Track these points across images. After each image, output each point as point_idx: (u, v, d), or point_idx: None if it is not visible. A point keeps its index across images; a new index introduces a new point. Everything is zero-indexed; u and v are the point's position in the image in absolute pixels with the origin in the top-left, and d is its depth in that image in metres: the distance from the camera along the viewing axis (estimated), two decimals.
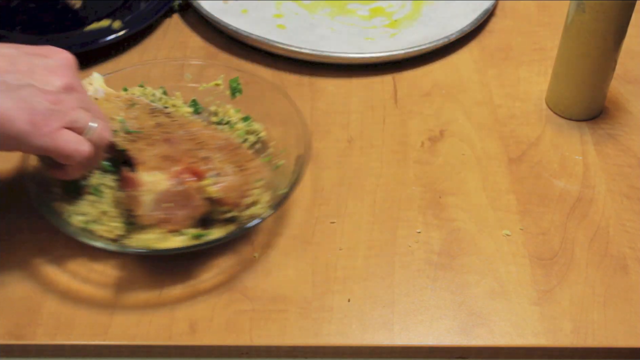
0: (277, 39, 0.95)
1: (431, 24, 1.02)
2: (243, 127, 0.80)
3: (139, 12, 1.00)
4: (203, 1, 1.01)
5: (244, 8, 1.03)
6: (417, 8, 1.05)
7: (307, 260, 0.75)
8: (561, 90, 0.89)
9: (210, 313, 0.70)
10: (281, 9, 1.04)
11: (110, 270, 0.73)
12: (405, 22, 1.02)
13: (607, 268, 0.75)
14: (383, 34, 1.00)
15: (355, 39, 0.99)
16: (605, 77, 0.87)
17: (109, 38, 0.95)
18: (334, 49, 0.95)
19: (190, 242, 0.70)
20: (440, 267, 0.74)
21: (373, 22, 1.03)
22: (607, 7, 0.81)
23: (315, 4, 1.05)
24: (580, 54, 0.85)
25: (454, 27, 0.99)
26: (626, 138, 0.88)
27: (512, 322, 0.70)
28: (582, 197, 0.81)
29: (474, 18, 1.01)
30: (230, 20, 0.98)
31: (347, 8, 1.05)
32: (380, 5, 1.06)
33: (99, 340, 0.68)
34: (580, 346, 0.69)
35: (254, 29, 0.97)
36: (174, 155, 0.71)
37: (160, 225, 0.70)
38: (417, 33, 1.00)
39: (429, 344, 0.69)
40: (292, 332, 0.69)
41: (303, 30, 1.00)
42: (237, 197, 0.71)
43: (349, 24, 1.02)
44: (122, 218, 0.71)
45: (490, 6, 1.04)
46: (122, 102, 0.77)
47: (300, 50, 0.94)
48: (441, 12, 1.04)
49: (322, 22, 1.02)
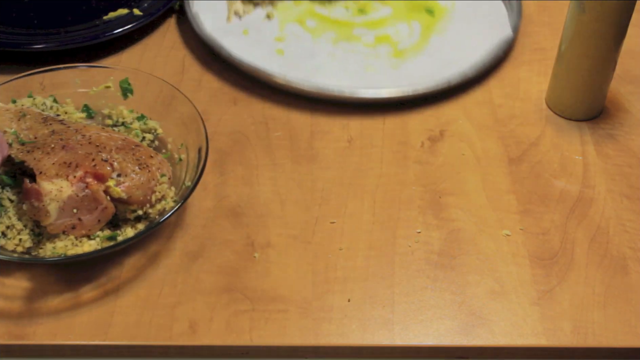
0: (271, 67, 0.91)
1: (436, 56, 0.96)
2: (139, 126, 0.80)
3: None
4: (205, 17, 0.98)
5: (245, 28, 0.98)
6: (425, 38, 0.98)
7: (307, 260, 0.75)
8: (561, 90, 0.89)
9: (210, 313, 0.70)
10: (284, 32, 0.98)
11: (110, 270, 0.73)
12: (410, 53, 0.96)
13: (607, 268, 0.75)
14: (386, 65, 0.94)
15: (356, 68, 0.94)
16: (606, 77, 0.88)
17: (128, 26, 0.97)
18: (329, 81, 0.90)
19: (104, 244, 0.71)
20: (440, 267, 0.74)
21: (377, 51, 0.96)
22: (608, 7, 0.81)
23: (320, 28, 0.99)
24: (581, 54, 0.85)
25: (458, 65, 0.93)
26: (626, 138, 0.88)
27: (512, 322, 0.70)
28: (582, 197, 0.81)
29: (478, 60, 0.94)
30: (229, 41, 0.94)
31: (353, 34, 0.99)
32: (387, 32, 0.99)
33: (99, 340, 0.68)
34: (580, 346, 0.69)
35: (251, 52, 0.93)
36: (74, 161, 0.71)
37: (70, 231, 0.70)
38: (420, 67, 0.94)
39: (429, 344, 0.69)
40: (292, 332, 0.69)
41: (301, 57, 0.95)
42: (143, 194, 0.72)
43: (351, 52, 0.96)
44: (29, 230, 0.71)
45: (505, 43, 0.96)
46: (12, 114, 0.77)
47: (291, 84, 0.89)
48: (449, 44, 0.97)
49: (324, 49, 0.96)
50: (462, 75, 0.91)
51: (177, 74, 0.94)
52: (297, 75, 0.90)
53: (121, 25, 0.96)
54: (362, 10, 1.01)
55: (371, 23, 1.00)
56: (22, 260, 0.71)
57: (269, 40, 0.97)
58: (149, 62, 0.95)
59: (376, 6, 1.02)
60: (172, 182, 0.76)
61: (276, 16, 1.00)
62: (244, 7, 1.00)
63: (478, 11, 1.02)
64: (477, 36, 0.98)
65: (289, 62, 0.93)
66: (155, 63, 0.95)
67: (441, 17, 1.01)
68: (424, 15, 1.01)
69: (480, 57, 0.94)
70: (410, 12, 1.02)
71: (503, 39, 0.96)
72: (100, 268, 0.73)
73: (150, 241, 0.75)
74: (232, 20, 0.99)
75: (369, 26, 1.00)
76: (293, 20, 1.00)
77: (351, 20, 1.00)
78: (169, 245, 0.75)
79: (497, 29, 0.98)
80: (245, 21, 0.99)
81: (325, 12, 1.01)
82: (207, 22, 0.97)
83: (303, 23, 0.99)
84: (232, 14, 0.99)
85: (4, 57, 0.94)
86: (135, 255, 0.74)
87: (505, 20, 1.00)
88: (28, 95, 0.82)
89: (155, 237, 0.76)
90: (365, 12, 1.01)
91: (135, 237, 0.71)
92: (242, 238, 0.76)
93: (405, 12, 1.02)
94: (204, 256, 0.74)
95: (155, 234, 0.76)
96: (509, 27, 0.99)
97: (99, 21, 0.99)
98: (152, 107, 0.82)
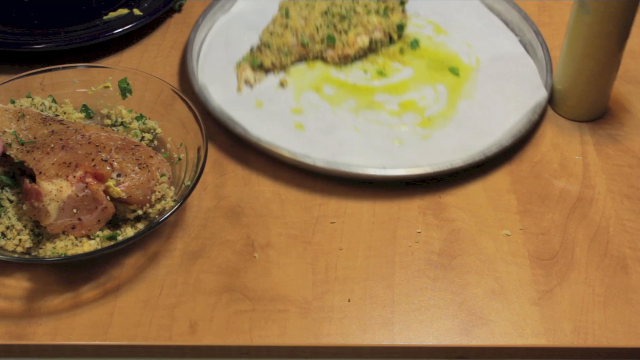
0: (291, 145, 0.82)
1: (467, 123, 0.87)
2: (138, 126, 0.80)
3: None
4: (214, 89, 0.88)
5: (259, 100, 0.89)
6: (453, 103, 0.89)
7: (307, 260, 0.75)
8: (566, 92, 0.89)
9: (210, 313, 0.70)
10: (300, 102, 0.89)
11: (110, 270, 0.73)
12: (439, 121, 0.87)
13: (607, 268, 0.75)
14: (414, 136, 0.85)
15: (382, 142, 0.84)
16: (610, 77, 0.87)
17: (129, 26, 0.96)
18: (356, 159, 0.81)
19: (104, 244, 0.71)
20: (440, 267, 0.74)
21: (403, 120, 0.87)
22: (612, 8, 0.81)
23: (339, 95, 0.90)
24: (585, 56, 0.85)
25: (493, 132, 0.85)
26: (626, 138, 0.88)
27: (512, 322, 0.70)
28: (582, 197, 0.81)
29: (514, 123, 0.86)
30: (242, 116, 0.85)
31: (375, 100, 0.90)
32: (412, 98, 0.90)
33: (99, 340, 0.68)
34: (580, 346, 0.69)
35: (268, 129, 0.84)
36: (73, 161, 0.71)
37: (70, 231, 0.70)
38: (451, 137, 0.85)
39: (429, 344, 0.69)
40: (292, 332, 0.69)
41: (323, 132, 0.85)
42: (142, 194, 0.72)
43: (375, 122, 0.87)
44: (29, 230, 0.71)
45: (539, 105, 0.88)
46: (11, 114, 0.77)
47: (316, 165, 0.80)
48: (479, 109, 0.89)
49: (346, 120, 0.87)
50: (498, 146, 0.82)
51: (177, 74, 0.94)
52: (321, 155, 0.81)
53: (121, 25, 0.96)
54: (381, 73, 0.93)
55: (393, 87, 0.91)
56: (22, 261, 0.71)
57: (286, 112, 0.87)
58: (149, 62, 0.95)
59: (396, 67, 0.94)
60: (172, 182, 0.76)
61: (290, 83, 0.91)
62: (254, 74, 0.91)
63: (505, 68, 0.94)
64: (508, 98, 0.90)
65: (310, 138, 0.84)
66: (155, 63, 0.95)
67: (467, 77, 0.93)
68: (449, 76, 0.93)
69: (514, 123, 0.86)
70: (433, 72, 0.93)
71: (537, 100, 0.88)
72: (101, 268, 0.73)
73: (150, 241, 0.75)
74: (243, 90, 0.90)
75: (391, 91, 0.91)
76: (309, 87, 0.91)
77: (371, 85, 0.92)
78: (169, 245, 0.75)
79: (527, 88, 0.90)
80: (258, 91, 0.90)
81: (342, 76, 0.93)
82: (217, 94, 0.88)
83: (320, 90, 0.91)
84: (242, 83, 0.90)
85: (4, 57, 0.94)
86: (135, 255, 0.74)
87: (535, 76, 0.92)
88: (27, 95, 0.82)
89: (156, 237, 0.76)
90: (385, 74, 0.93)
91: (135, 236, 0.71)
92: (242, 238, 0.76)
93: (428, 72, 0.93)
94: (204, 256, 0.74)
95: (155, 234, 0.76)
96: (540, 85, 0.90)
97: (99, 21, 0.99)
98: (151, 107, 0.82)
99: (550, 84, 0.90)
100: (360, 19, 0.95)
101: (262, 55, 0.92)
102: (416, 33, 0.99)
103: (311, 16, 0.95)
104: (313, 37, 0.93)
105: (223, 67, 0.92)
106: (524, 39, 0.98)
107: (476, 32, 0.99)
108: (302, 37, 0.93)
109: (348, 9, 0.95)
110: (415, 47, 0.96)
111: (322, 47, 0.94)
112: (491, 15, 1.02)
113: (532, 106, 0.87)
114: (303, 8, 0.96)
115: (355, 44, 0.94)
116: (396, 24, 0.96)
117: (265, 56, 0.92)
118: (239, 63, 0.92)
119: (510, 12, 1.00)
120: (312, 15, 0.95)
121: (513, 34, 0.99)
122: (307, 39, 0.93)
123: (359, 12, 0.95)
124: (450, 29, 1.00)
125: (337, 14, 0.95)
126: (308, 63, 0.94)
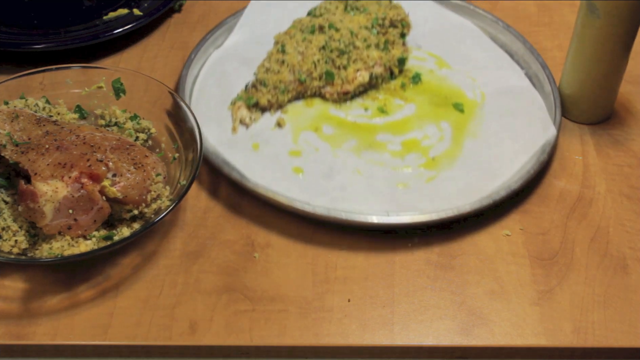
0: (290, 190, 0.78)
1: (474, 165, 0.83)
2: (132, 126, 0.80)
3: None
4: (208, 130, 0.84)
5: (255, 141, 0.84)
6: (458, 142, 0.85)
7: (307, 260, 0.75)
8: (575, 97, 0.88)
9: (210, 313, 0.70)
10: (299, 143, 0.84)
11: (109, 270, 0.73)
12: (444, 162, 0.83)
13: (607, 268, 0.75)
14: (418, 178, 0.81)
15: (385, 186, 0.80)
16: (619, 79, 0.87)
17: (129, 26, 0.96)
18: (358, 206, 0.77)
19: (100, 244, 0.71)
20: (440, 267, 0.74)
21: (407, 161, 0.83)
22: (623, 11, 0.81)
23: (339, 135, 0.86)
24: (596, 59, 0.85)
25: (501, 174, 0.81)
26: (626, 138, 0.88)
27: (512, 322, 0.70)
28: (582, 197, 0.81)
29: (522, 164, 0.82)
30: (237, 159, 0.81)
31: (376, 140, 0.85)
32: (415, 137, 0.86)
33: (98, 340, 0.68)
34: (580, 346, 0.69)
35: (265, 174, 0.80)
36: (69, 162, 0.71)
37: (66, 232, 0.70)
38: (457, 179, 0.81)
39: (429, 344, 0.69)
40: (292, 332, 0.69)
41: (323, 176, 0.81)
42: (138, 194, 0.72)
43: (377, 164, 0.83)
44: (25, 231, 0.71)
45: (548, 144, 0.83)
46: (5, 116, 0.77)
47: (316, 212, 0.76)
48: (485, 149, 0.85)
49: (347, 162, 0.83)
50: (507, 190, 0.78)
51: (177, 74, 0.94)
52: (321, 201, 0.77)
53: (121, 25, 0.97)
54: (382, 110, 0.89)
55: (395, 125, 0.88)
56: (19, 262, 0.71)
57: (283, 155, 0.83)
58: (149, 62, 0.96)
59: (398, 103, 0.90)
60: (167, 181, 0.76)
61: (288, 123, 0.87)
62: (250, 114, 0.87)
63: (511, 104, 0.90)
64: (516, 137, 0.85)
65: (310, 183, 0.80)
66: (155, 63, 0.95)
67: (472, 114, 0.89)
68: (453, 113, 0.89)
69: (523, 164, 0.82)
70: (436, 108, 0.90)
71: (546, 138, 0.84)
72: (100, 268, 0.73)
73: (149, 241, 0.75)
74: (238, 130, 0.86)
75: (393, 130, 0.87)
76: (307, 127, 0.87)
77: (372, 123, 0.88)
78: (169, 245, 0.75)
79: (535, 126, 0.86)
80: (253, 131, 0.86)
81: (342, 114, 0.89)
82: (211, 135, 0.84)
83: (319, 130, 0.86)
84: (237, 123, 0.86)
85: (4, 57, 0.94)
86: (135, 255, 0.74)
87: (543, 112, 0.88)
88: (20, 96, 0.81)
89: (155, 237, 0.76)
90: (386, 112, 0.89)
91: (131, 236, 0.71)
92: (242, 238, 0.76)
93: (431, 109, 0.90)
94: (203, 256, 0.74)
95: (154, 233, 0.76)
96: (549, 122, 0.86)
97: (99, 21, 0.99)
98: (145, 107, 0.82)
99: (559, 120, 0.85)
100: (359, 53, 0.90)
101: (258, 93, 0.88)
102: (418, 67, 0.95)
103: (308, 51, 0.89)
104: (311, 73, 0.89)
105: (217, 106, 0.88)
106: (530, 71, 0.94)
107: (480, 65, 0.95)
108: (299, 74, 0.88)
109: (347, 44, 0.90)
110: (417, 82, 0.93)
111: (320, 83, 0.89)
112: (495, 47, 0.98)
113: (541, 145, 0.83)
114: (300, 43, 0.90)
115: (355, 80, 0.89)
116: (397, 58, 0.92)
117: (261, 94, 0.87)
118: (234, 101, 0.88)
119: (516, 43, 0.97)
120: (310, 50, 0.89)
121: (518, 67, 0.95)
122: (304, 75, 0.88)
123: (358, 46, 0.90)
124: (453, 61, 0.96)
125: (335, 49, 0.89)
126: (306, 100, 0.90)
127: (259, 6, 1.01)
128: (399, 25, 0.94)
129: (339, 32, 0.90)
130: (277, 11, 1.00)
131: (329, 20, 0.92)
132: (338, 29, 0.91)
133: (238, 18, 0.99)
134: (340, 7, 0.95)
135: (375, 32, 0.92)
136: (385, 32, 0.94)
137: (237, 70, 0.92)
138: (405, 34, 0.96)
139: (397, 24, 0.94)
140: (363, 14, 0.94)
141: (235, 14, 0.99)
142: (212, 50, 0.96)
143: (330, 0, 0.97)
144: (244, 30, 0.98)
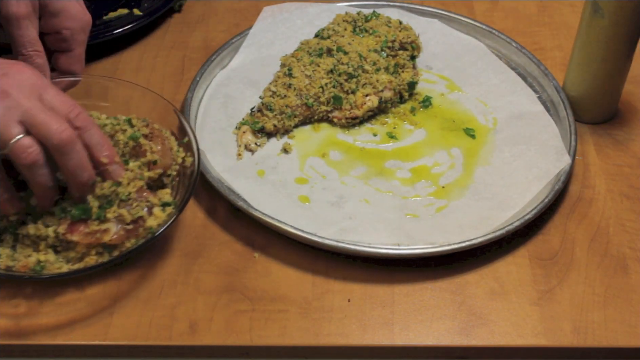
0: (295, 221, 0.75)
1: (486, 195, 0.80)
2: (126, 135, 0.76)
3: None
4: (213, 156, 0.82)
5: (260, 168, 0.82)
6: (469, 170, 0.83)
7: (307, 260, 0.74)
8: (580, 98, 0.88)
9: (210, 313, 0.70)
10: (305, 170, 0.82)
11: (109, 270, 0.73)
12: (455, 191, 0.80)
13: (607, 268, 0.75)
14: (428, 208, 0.79)
15: (394, 216, 0.78)
16: (623, 79, 0.87)
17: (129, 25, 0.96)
18: (366, 237, 0.75)
19: (108, 257, 0.70)
20: (440, 267, 0.74)
21: (416, 189, 0.81)
22: (627, 11, 0.80)
23: (347, 162, 0.83)
24: (600, 60, 0.84)
25: (514, 204, 0.78)
26: (626, 138, 0.88)
27: (512, 322, 0.70)
28: (582, 197, 0.81)
29: (536, 194, 0.79)
30: (242, 186, 0.79)
31: (385, 167, 0.83)
32: (425, 163, 0.83)
33: (99, 340, 0.68)
34: (580, 346, 0.69)
35: (270, 202, 0.77)
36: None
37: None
38: (469, 209, 0.78)
39: (429, 344, 0.69)
40: (292, 332, 0.69)
41: (330, 205, 0.79)
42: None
43: (386, 192, 0.80)
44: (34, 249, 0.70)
45: (563, 172, 0.80)
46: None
47: (323, 243, 0.74)
48: (498, 178, 0.82)
49: (355, 190, 0.80)
50: (521, 221, 0.76)
51: (177, 74, 0.94)
52: (328, 232, 0.75)
53: (121, 25, 0.97)
54: (391, 135, 0.86)
55: (404, 151, 0.85)
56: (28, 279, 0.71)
57: (290, 182, 0.81)
58: (149, 62, 0.95)
59: (407, 128, 0.88)
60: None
61: (294, 148, 0.85)
62: (255, 139, 0.85)
63: (524, 130, 0.86)
64: (529, 165, 0.82)
65: (317, 212, 0.78)
66: (155, 63, 0.95)
67: (484, 140, 0.86)
68: (464, 139, 0.86)
69: (537, 194, 0.79)
70: (447, 133, 0.87)
71: (561, 167, 0.81)
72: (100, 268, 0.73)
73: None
74: (244, 156, 0.83)
75: (402, 156, 0.84)
76: (314, 153, 0.84)
77: (381, 149, 0.85)
78: (169, 245, 0.75)
79: (550, 154, 0.83)
80: (259, 157, 0.83)
81: (350, 139, 0.86)
82: (215, 162, 0.81)
83: (326, 156, 0.84)
84: (242, 148, 0.84)
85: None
86: (135, 255, 0.74)
87: (557, 140, 0.85)
88: None
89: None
90: (395, 137, 0.86)
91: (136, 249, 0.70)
92: (242, 238, 0.76)
93: (442, 134, 0.87)
94: (204, 256, 0.74)
95: None
96: (563, 150, 0.83)
97: (99, 21, 0.99)
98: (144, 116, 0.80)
99: (574, 147, 0.83)
100: (368, 77, 0.87)
101: (264, 117, 0.85)
102: (428, 90, 0.92)
103: (316, 75, 0.86)
104: (318, 97, 0.86)
105: (222, 130, 0.86)
106: (544, 95, 0.91)
107: (492, 89, 0.92)
108: (306, 98, 0.86)
109: (356, 67, 0.87)
110: (428, 106, 0.90)
111: (327, 108, 0.87)
112: (507, 69, 0.94)
113: (556, 174, 0.80)
114: (307, 66, 0.87)
115: (363, 105, 0.86)
116: (407, 82, 0.89)
117: (267, 119, 0.85)
118: (239, 126, 0.86)
119: (530, 65, 0.93)
120: (317, 73, 0.87)
121: (532, 91, 0.91)
122: (311, 100, 0.86)
123: (367, 70, 0.87)
124: (464, 84, 0.93)
125: (344, 73, 0.87)
126: (313, 125, 0.87)
127: (265, 25, 0.98)
128: (409, 47, 0.92)
129: (348, 55, 0.88)
130: (284, 31, 0.97)
131: (338, 42, 0.89)
132: (347, 52, 0.88)
133: (244, 38, 0.96)
134: (348, 29, 0.92)
135: (384, 55, 0.90)
136: (395, 54, 0.91)
137: (243, 93, 0.90)
138: (416, 57, 0.93)
139: (408, 46, 0.91)
140: (372, 35, 0.91)
141: (241, 33, 0.96)
142: (218, 70, 0.93)
143: (338, 22, 0.93)
144: (250, 51, 0.95)
